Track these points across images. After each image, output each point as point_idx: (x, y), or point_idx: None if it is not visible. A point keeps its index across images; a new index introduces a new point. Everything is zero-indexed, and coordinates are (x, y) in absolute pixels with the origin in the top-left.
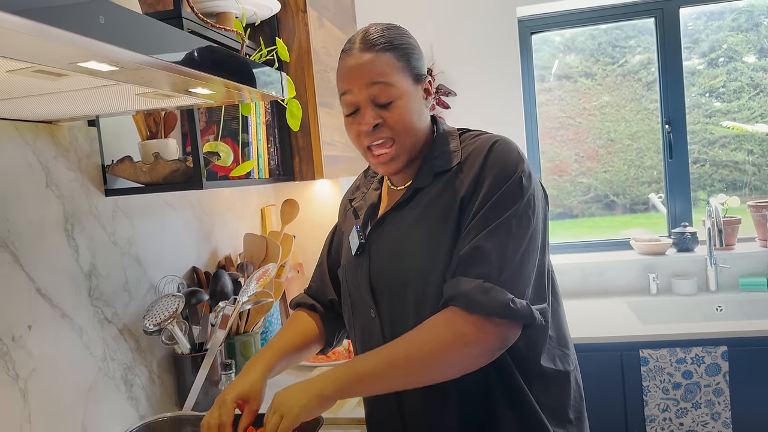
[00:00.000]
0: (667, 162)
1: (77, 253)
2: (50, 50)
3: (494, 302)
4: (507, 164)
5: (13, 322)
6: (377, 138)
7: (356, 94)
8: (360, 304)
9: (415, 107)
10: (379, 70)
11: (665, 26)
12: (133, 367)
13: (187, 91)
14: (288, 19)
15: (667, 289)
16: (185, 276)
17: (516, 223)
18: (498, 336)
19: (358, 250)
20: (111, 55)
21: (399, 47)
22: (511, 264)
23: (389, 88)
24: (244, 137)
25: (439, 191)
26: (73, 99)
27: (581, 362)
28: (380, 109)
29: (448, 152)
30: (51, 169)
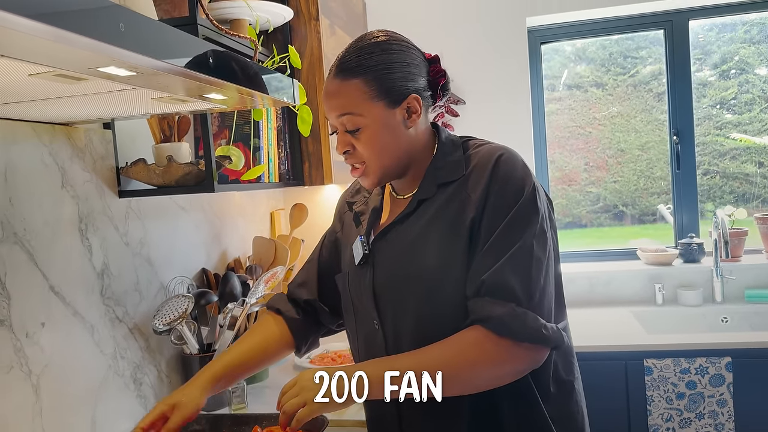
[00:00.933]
0: (674, 173)
1: (90, 253)
2: (71, 55)
3: (527, 328)
4: (516, 180)
5: (27, 319)
6: (349, 162)
7: (330, 120)
8: (363, 314)
9: (387, 131)
10: (344, 101)
11: (674, 38)
12: (142, 366)
13: (201, 96)
14: (300, 26)
15: (673, 300)
16: (195, 277)
17: (536, 243)
18: (529, 360)
19: (361, 260)
20: (130, 60)
21: (372, 69)
22: (538, 287)
23: (355, 117)
24: (255, 142)
25: (444, 203)
26: (91, 102)
27: (585, 371)
28: (350, 135)
29: (451, 162)
30: (67, 169)
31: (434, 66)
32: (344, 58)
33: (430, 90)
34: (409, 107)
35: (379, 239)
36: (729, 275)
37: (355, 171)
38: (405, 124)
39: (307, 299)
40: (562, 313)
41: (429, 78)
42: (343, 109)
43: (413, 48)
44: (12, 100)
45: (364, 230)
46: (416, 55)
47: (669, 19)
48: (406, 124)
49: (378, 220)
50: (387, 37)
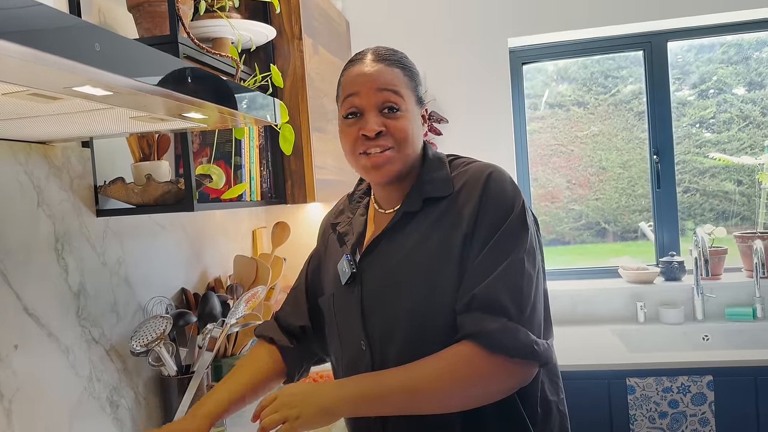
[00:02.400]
0: (655, 192)
1: (66, 273)
2: (46, 75)
3: (519, 344)
4: (506, 197)
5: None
6: (375, 146)
7: (363, 98)
8: (348, 336)
9: (416, 123)
10: (390, 78)
11: (653, 59)
12: (119, 388)
13: (180, 115)
14: (283, 45)
15: (655, 318)
16: (174, 297)
17: (527, 259)
18: (520, 376)
19: (348, 279)
20: (106, 80)
21: (407, 67)
22: (529, 302)
23: (397, 97)
24: (237, 160)
25: (434, 220)
26: (67, 121)
27: (568, 390)
28: (385, 117)
29: (439, 179)
30: (43, 188)
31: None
32: (381, 50)
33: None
34: (422, 115)
35: (366, 256)
36: (710, 293)
37: (378, 158)
38: (422, 128)
39: (301, 325)
40: (549, 331)
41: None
42: (387, 85)
43: None
44: None
45: (349, 249)
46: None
47: (648, 41)
48: (421, 127)
49: (362, 239)
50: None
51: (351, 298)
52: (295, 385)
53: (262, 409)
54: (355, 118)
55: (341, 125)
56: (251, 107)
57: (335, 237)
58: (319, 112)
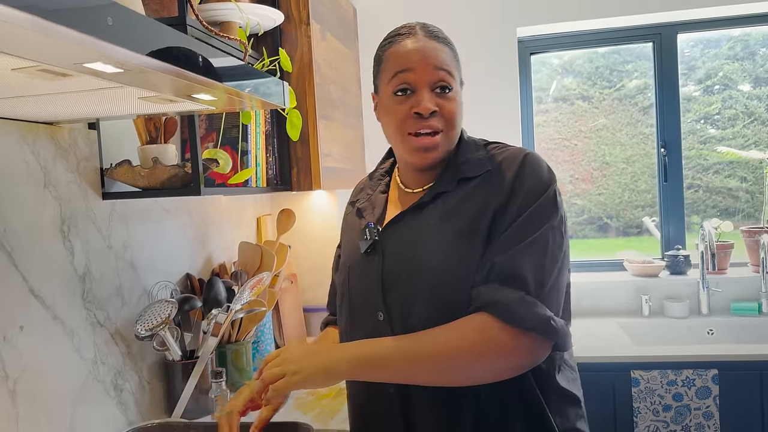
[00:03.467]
0: (661, 185)
1: (72, 255)
2: (56, 49)
3: (535, 317)
4: (541, 178)
5: (5, 322)
6: (427, 126)
7: (418, 74)
8: (363, 309)
9: (461, 106)
10: (446, 58)
11: (663, 51)
12: (123, 372)
13: (189, 96)
14: (291, 30)
15: (660, 312)
16: (179, 282)
17: (552, 238)
18: (531, 352)
19: (369, 248)
20: (117, 56)
21: (454, 49)
22: (549, 280)
23: (450, 77)
24: (243, 146)
25: (465, 196)
26: (76, 100)
27: None
28: (437, 97)
29: (475, 160)
30: (50, 170)
31: None
32: (430, 27)
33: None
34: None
35: (391, 226)
36: (715, 288)
37: (428, 140)
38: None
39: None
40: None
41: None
42: (444, 63)
43: None
44: None
45: (374, 218)
46: None
47: (658, 32)
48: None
49: (383, 215)
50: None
51: (371, 268)
52: (300, 344)
53: (266, 363)
54: (406, 95)
55: (388, 102)
56: (260, 90)
57: (354, 212)
58: (325, 99)
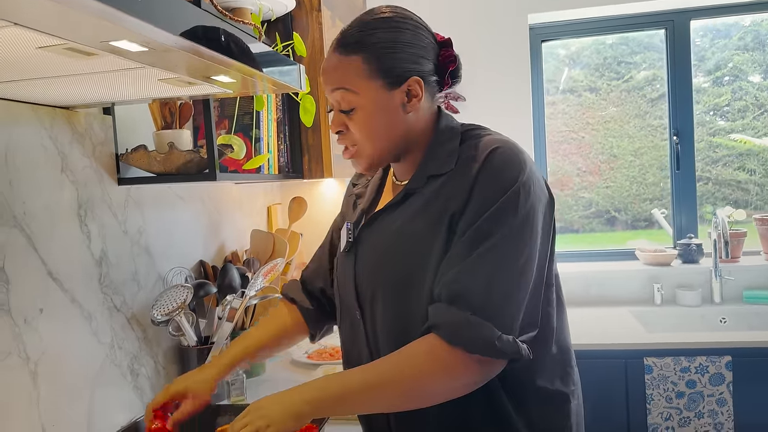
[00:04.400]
0: (674, 174)
1: (89, 240)
2: (84, 26)
3: (480, 339)
4: (503, 177)
5: (26, 304)
6: (342, 142)
7: (327, 96)
8: (347, 304)
9: (383, 114)
10: (341, 75)
11: (676, 38)
12: (139, 356)
13: (208, 78)
14: (302, 16)
15: (672, 300)
16: (193, 269)
17: (508, 247)
18: (481, 371)
19: (346, 247)
20: (144, 34)
21: (373, 46)
22: (500, 295)
23: (350, 95)
24: (255, 133)
25: (429, 197)
26: (96, 82)
27: (584, 369)
28: (344, 115)
29: (445, 153)
30: (66, 154)
31: (445, 50)
32: (346, 33)
33: (436, 75)
34: (409, 90)
35: (366, 228)
36: (728, 276)
37: (346, 152)
38: (404, 108)
39: (320, 287)
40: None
41: (437, 62)
42: (338, 83)
43: (423, 28)
44: (16, 77)
45: (355, 216)
46: (424, 36)
47: (670, 19)
48: (405, 108)
49: (375, 206)
50: (395, 13)
51: (348, 266)
52: (263, 398)
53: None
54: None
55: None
56: (277, 72)
57: (353, 198)
58: None
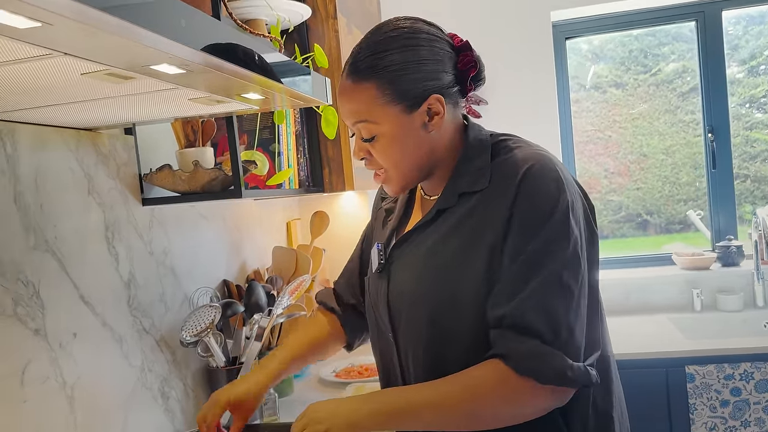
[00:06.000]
0: (710, 172)
1: (117, 262)
2: (127, 51)
3: (551, 370)
4: (544, 197)
5: (60, 329)
6: (368, 167)
7: (347, 124)
8: (380, 324)
9: (406, 137)
10: (358, 106)
11: (707, 30)
12: (169, 379)
13: (239, 95)
14: (318, 25)
15: (712, 306)
16: (217, 288)
17: (566, 271)
18: (553, 399)
19: (378, 268)
20: (183, 55)
21: (386, 70)
22: (566, 322)
23: (370, 125)
24: (276, 147)
25: (463, 216)
26: (127, 103)
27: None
28: (366, 143)
29: (474, 170)
30: (92, 176)
31: (464, 55)
32: (357, 57)
33: (457, 84)
34: (430, 108)
35: (397, 248)
36: None
37: (377, 177)
38: (426, 127)
39: (353, 303)
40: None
41: (457, 70)
42: (357, 116)
43: (437, 39)
44: (54, 101)
45: (386, 235)
46: (440, 47)
47: (701, 10)
48: (428, 127)
49: (405, 224)
50: (406, 28)
51: (381, 287)
52: (321, 402)
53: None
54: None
55: None
56: (305, 86)
57: (382, 212)
58: None
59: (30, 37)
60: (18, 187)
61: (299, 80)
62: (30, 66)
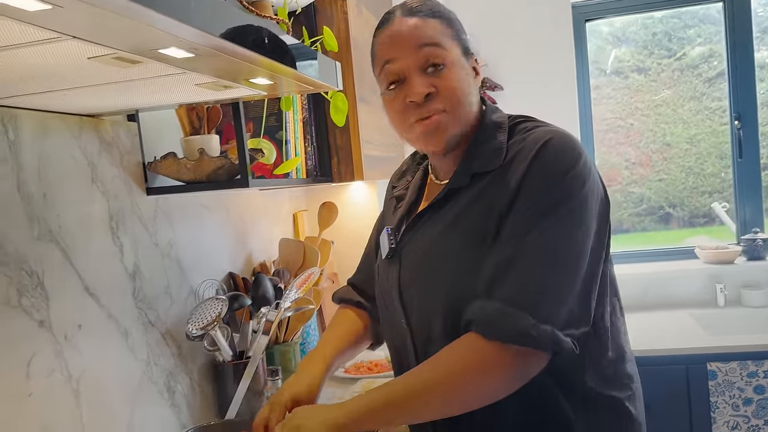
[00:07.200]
0: (736, 162)
1: (122, 253)
2: (135, 34)
3: (513, 328)
4: (556, 167)
5: (66, 320)
6: (427, 111)
7: (402, 61)
8: (390, 312)
9: (466, 80)
10: (428, 32)
11: (735, 12)
12: (175, 373)
13: (248, 81)
14: (326, 7)
15: (736, 301)
16: (223, 281)
17: (554, 235)
18: (517, 365)
19: (388, 254)
20: (197, 40)
21: (444, 16)
22: (538, 285)
23: (441, 50)
24: (282, 135)
25: (475, 196)
26: (132, 88)
27: (643, 377)
28: (431, 77)
29: (490, 150)
30: (96, 164)
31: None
32: (411, 5)
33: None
34: (474, 66)
35: (408, 231)
36: None
37: (431, 121)
38: (475, 84)
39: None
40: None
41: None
42: (427, 39)
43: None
44: (58, 87)
45: (395, 221)
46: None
47: None
48: (475, 84)
49: (414, 210)
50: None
51: (391, 273)
52: (302, 407)
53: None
54: (398, 86)
55: (385, 99)
56: (315, 71)
57: (393, 201)
58: (364, 80)
59: (39, 20)
60: (21, 176)
61: (308, 65)
62: (37, 50)
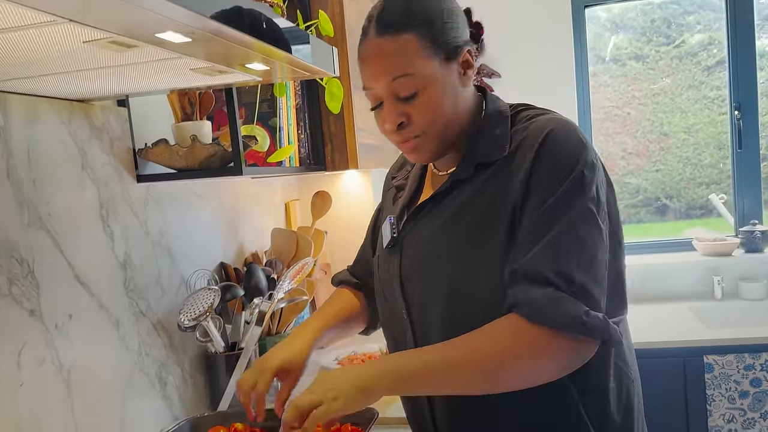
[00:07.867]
0: (735, 153)
1: (112, 242)
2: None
3: (565, 315)
4: (565, 157)
5: (56, 309)
6: (403, 137)
7: (377, 90)
8: (392, 302)
9: (447, 91)
10: (397, 61)
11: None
12: (166, 364)
13: (242, 65)
14: None
15: (734, 294)
16: (214, 271)
17: (581, 225)
18: (571, 352)
19: (389, 243)
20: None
21: (420, 20)
22: (580, 271)
23: (412, 79)
24: (275, 121)
25: (480, 187)
26: (125, 73)
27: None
28: (404, 104)
29: (494, 140)
30: (86, 150)
31: (469, 12)
32: (387, 10)
33: (475, 43)
34: (464, 61)
35: (411, 220)
36: None
37: (407, 145)
38: (461, 82)
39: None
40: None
41: (470, 29)
42: (396, 71)
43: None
44: (51, 71)
45: (397, 211)
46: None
47: None
48: (462, 82)
49: (416, 200)
50: None
51: (392, 263)
52: (332, 370)
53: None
54: (380, 108)
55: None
56: (312, 56)
57: (392, 192)
58: None
59: (35, 2)
60: (11, 162)
61: (304, 49)
62: (31, 33)
